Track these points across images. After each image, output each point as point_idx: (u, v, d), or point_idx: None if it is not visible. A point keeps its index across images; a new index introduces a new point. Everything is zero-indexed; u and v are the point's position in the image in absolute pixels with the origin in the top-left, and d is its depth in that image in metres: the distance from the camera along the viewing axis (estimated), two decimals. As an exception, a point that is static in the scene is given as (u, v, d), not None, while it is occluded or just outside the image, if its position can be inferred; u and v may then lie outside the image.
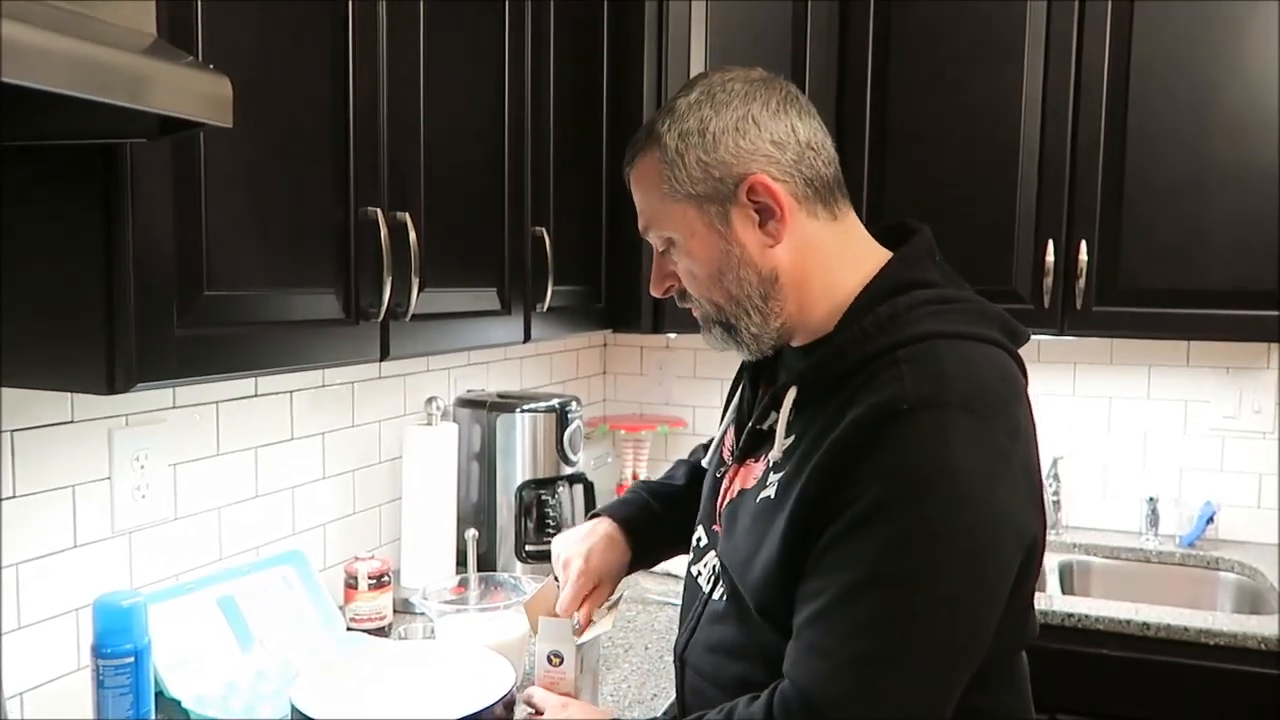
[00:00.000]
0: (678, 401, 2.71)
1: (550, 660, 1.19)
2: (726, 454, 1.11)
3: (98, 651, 1.05)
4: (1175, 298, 1.97)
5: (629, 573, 1.28)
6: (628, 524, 1.27)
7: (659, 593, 1.85)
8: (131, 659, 1.05)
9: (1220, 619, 1.79)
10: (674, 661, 1.13)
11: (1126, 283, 2.00)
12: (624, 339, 2.74)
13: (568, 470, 1.95)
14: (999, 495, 0.86)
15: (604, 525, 1.26)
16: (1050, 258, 2.01)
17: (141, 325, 0.91)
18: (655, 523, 1.29)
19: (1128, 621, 1.78)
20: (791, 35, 2.07)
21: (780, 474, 0.95)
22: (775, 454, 0.97)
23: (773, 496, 0.95)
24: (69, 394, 1.24)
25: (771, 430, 0.99)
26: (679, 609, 1.19)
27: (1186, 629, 1.75)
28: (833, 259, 0.99)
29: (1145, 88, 1.96)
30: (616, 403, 2.78)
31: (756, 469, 1.02)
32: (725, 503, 1.06)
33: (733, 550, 1.01)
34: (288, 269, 1.11)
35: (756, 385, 1.11)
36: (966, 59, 2.06)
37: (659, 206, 1.01)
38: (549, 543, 1.89)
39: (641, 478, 2.62)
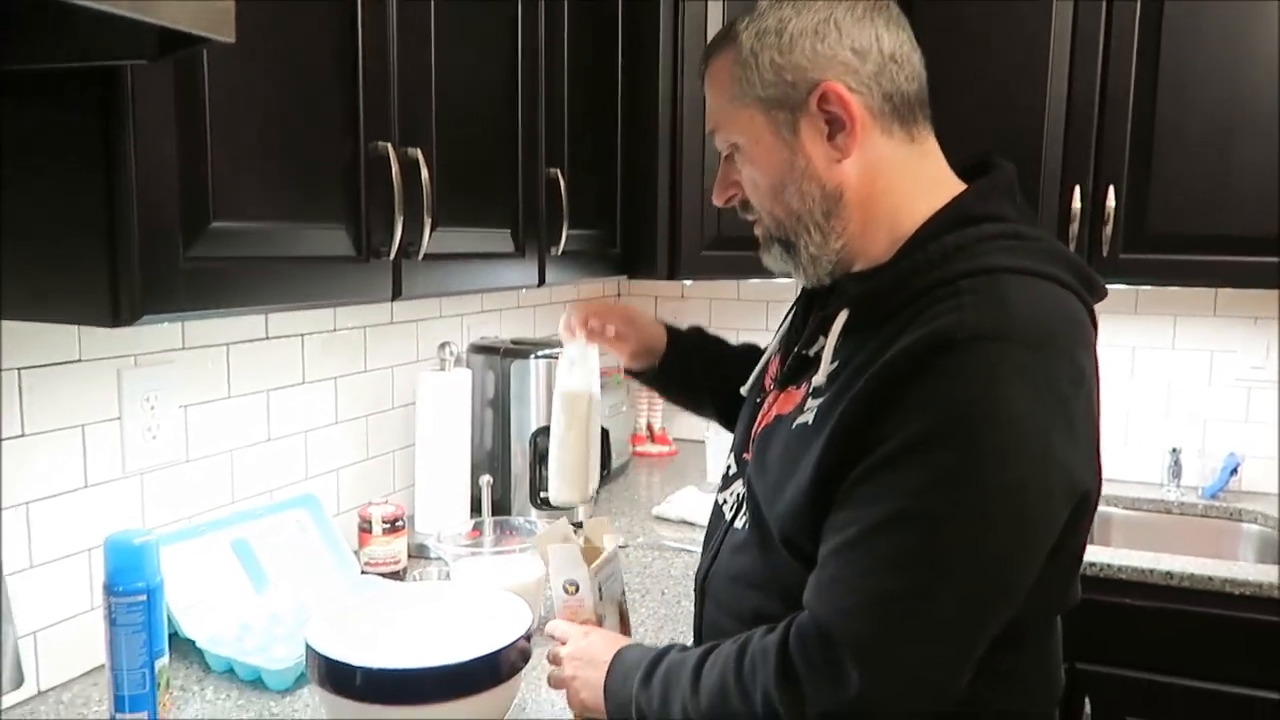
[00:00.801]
0: (693, 351, 2.67)
1: (566, 590, 1.17)
2: (769, 381, 1.08)
3: (110, 589, 1.03)
4: (1204, 244, 1.93)
5: (653, 379, 1.39)
6: (673, 330, 1.38)
7: (674, 539, 1.83)
8: (144, 597, 1.04)
9: (1245, 569, 1.76)
10: (694, 590, 1.12)
11: (1155, 229, 1.95)
12: (638, 288, 2.70)
13: (583, 417, 1.92)
14: (1051, 441, 0.80)
15: (653, 317, 1.38)
16: (1077, 203, 1.96)
17: (146, 255, 0.88)
18: (696, 345, 1.37)
19: (1150, 571, 1.76)
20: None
21: (821, 400, 0.91)
22: (819, 378, 0.93)
23: (810, 422, 0.91)
24: (76, 332, 1.22)
25: (817, 357, 0.95)
26: (698, 552, 1.16)
27: (1210, 578, 1.72)
28: (903, 183, 0.94)
29: (1177, 32, 1.90)
30: (631, 353, 2.75)
31: (796, 395, 0.97)
32: (760, 429, 1.03)
33: (762, 476, 0.98)
34: (297, 203, 1.08)
35: (808, 313, 1.07)
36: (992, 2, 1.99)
37: (727, 109, 0.97)
38: (563, 490, 1.89)
39: (657, 429, 2.61)
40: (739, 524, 1.03)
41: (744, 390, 1.15)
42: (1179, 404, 2.28)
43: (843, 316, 0.93)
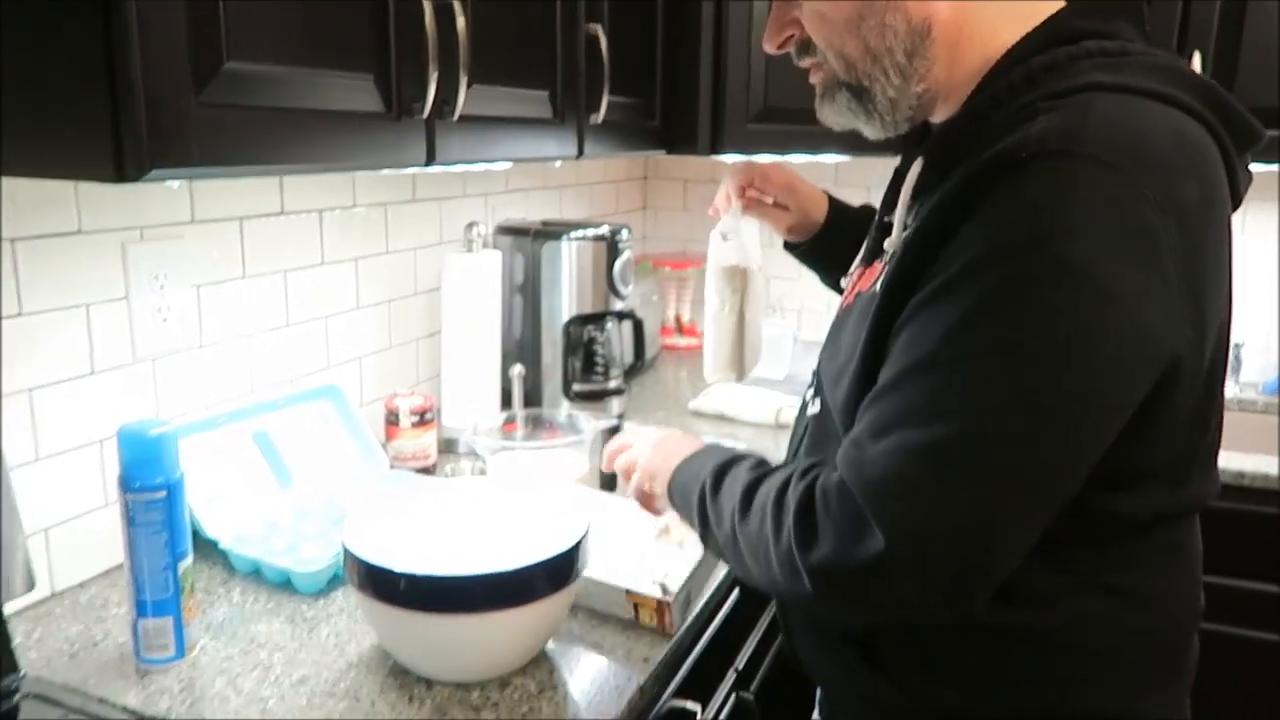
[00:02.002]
0: (723, 239, 2.53)
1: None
2: (856, 262, 0.96)
3: (126, 486, 0.93)
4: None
5: (798, 249, 1.27)
6: (836, 200, 1.26)
7: (714, 434, 1.74)
8: (164, 493, 0.93)
9: (1317, 468, 1.67)
10: None
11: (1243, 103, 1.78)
12: (666, 169, 2.55)
13: (618, 305, 1.80)
14: (1126, 282, 0.66)
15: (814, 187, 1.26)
16: (1156, 74, 1.80)
17: (153, 99, 0.75)
18: (860, 219, 1.19)
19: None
20: None
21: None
22: (892, 241, 0.81)
23: (879, 289, 0.78)
24: (75, 200, 1.08)
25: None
26: (739, 446, 1.06)
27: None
28: (999, 15, 0.79)
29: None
30: (658, 239, 2.61)
31: (877, 268, 0.85)
32: (842, 310, 0.91)
33: (831, 357, 0.87)
34: (322, 50, 0.93)
35: (898, 180, 0.92)
36: None
37: None
38: (598, 383, 1.79)
39: (685, 320, 2.49)
40: (812, 412, 0.93)
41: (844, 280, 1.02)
42: (1243, 295, 2.14)
43: (916, 167, 0.80)
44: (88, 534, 1.14)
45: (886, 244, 0.84)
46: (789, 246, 1.28)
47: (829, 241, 1.23)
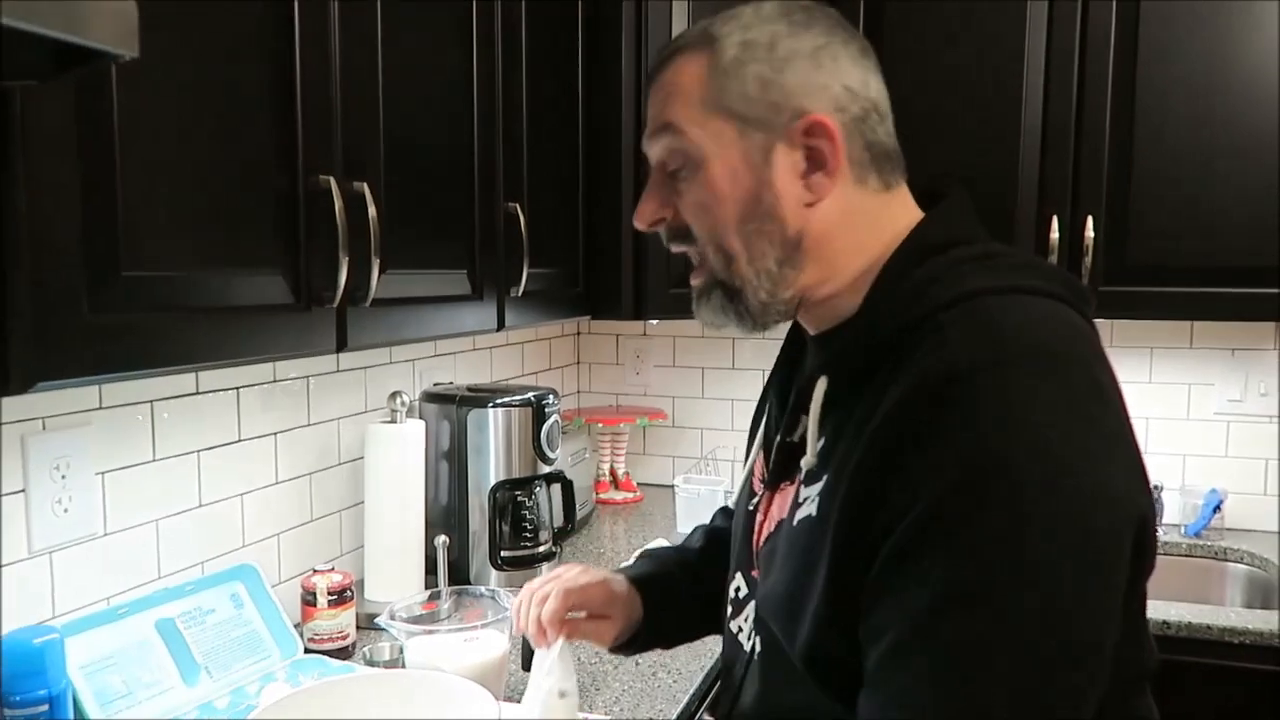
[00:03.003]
0: (656, 392, 2.56)
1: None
2: (757, 484, 0.94)
3: (5, 700, 0.88)
4: (1184, 276, 1.86)
5: (631, 648, 1.10)
6: (639, 579, 1.09)
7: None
8: (45, 705, 0.89)
9: (1243, 615, 1.69)
10: None
11: (1135, 261, 1.89)
12: (599, 327, 2.59)
13: (545, 468, 1.80)
14: (1092, 464, 0.68)
15: (619, 577, 1.09)
16: (1055, 234, 1.90)
17: (41, 311, 0.75)
18: (673, 585, 1.11)
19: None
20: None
21: (817, 485, 0.79)
22: (809, 459, 0.80)
23: (814, 513, 0.78)
24: (-28, 395, 1.07)
25: (803, 440, 0.83)
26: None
27: (1209, 627, 1.64)
28: (868, 232, 0.83)
29: (1153, 59, 1.84)
30: (592, 394, 2.63)
31: (790, 490, 0.85)
32: (763, 541, 0.89)
33: (772, 590, 0.84)
34: (225, 246, 0.95)
35: (784, 399, 0.93)
36: (964, 22, 1.93)
37: (691, 114, 0.83)
38: (526, 548, 1.76)
39: (621, 474, 2.49)
40: (757, 655, 0.89)
41: (733, 503, 1.01)
42: (1158, 440, 2.21)
43: (821, 384, 0.81)
44: (-33, 746, 1.07)
45: (804, 463, 0.82)
46: (615, 650, 1.11)
47: (659, 629, 1.11)
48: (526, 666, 1.24)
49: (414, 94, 1.25)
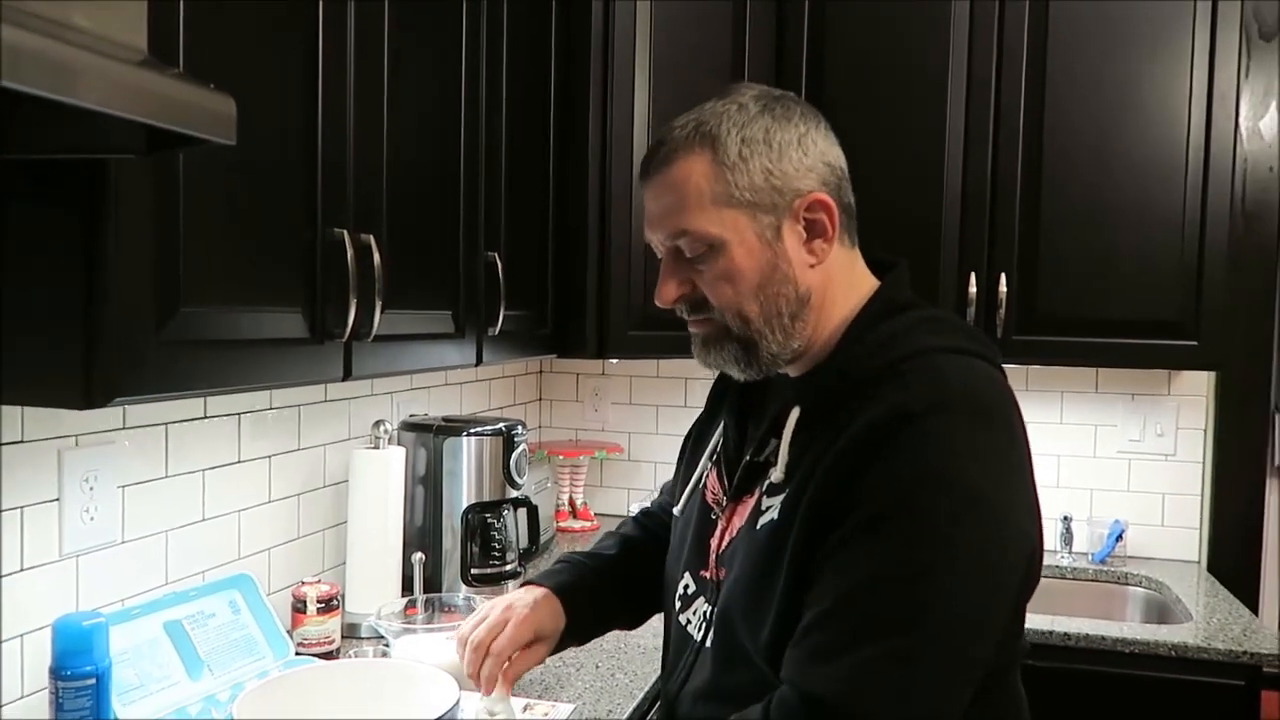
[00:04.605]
0: (614, 428, 2.74)
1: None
2: (710, 497, 1.11)
3: (57, 673, 1.02)
4: (1087, 327, 2.10)
5: (560, 646, 1.22)
6: (562, 590, 1.21)
7: (604, 614, 1.87)
8: (93, 680, 1.03)
9: (1134, 629, 1.90)
10: (662, 714, 1.12)
11: (1043, 313, 2.12)
12: (560, 365, 2.77)
13: (513, 493, 1.96)
14: (1005, 499, 0.88)
15: (539, 590, 1.21)
16: (973, 289, 2.12)
17: (122, 338, 0.91)
18: (592, 593, 1.24)
19: (1049, 633, 1.87)
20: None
21: (781, 495, 0.95)
22: (777, 474, 0.97)
23: (776, 518, 0.94)
24: (20, 413, 1.21)
25: (768, 462, 1.00)
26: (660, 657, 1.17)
27: (1104, 638, 1.85)
28: (844, 286, 1.02)
29: (1057, 129, 2.10)
30: (553, 429, 2.80)
31: (752, 502, 1.01)
32: (725, 545, 1.04)
33: (737, 588, 0.98)
34: (259, 288, 1.12)
35: (743, 423, 1.10)
36: (893, 99, 2.17)
37: (705, 209, 0.97)
38: (495, 567, 1.92)
39: (579, 504, 2.65)
40: (709, 642, 1.03)
41: (677, 510, 1.16)
42: (1068, 475, 2.44)
43: (795, 414, 0.98)
44: (2, 726, 1.20)
45: (773, 475, 0.97)
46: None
47: (578, 632, 1.23)
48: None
49: (411, 156, 1.44)
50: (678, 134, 1.00)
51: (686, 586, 1.11)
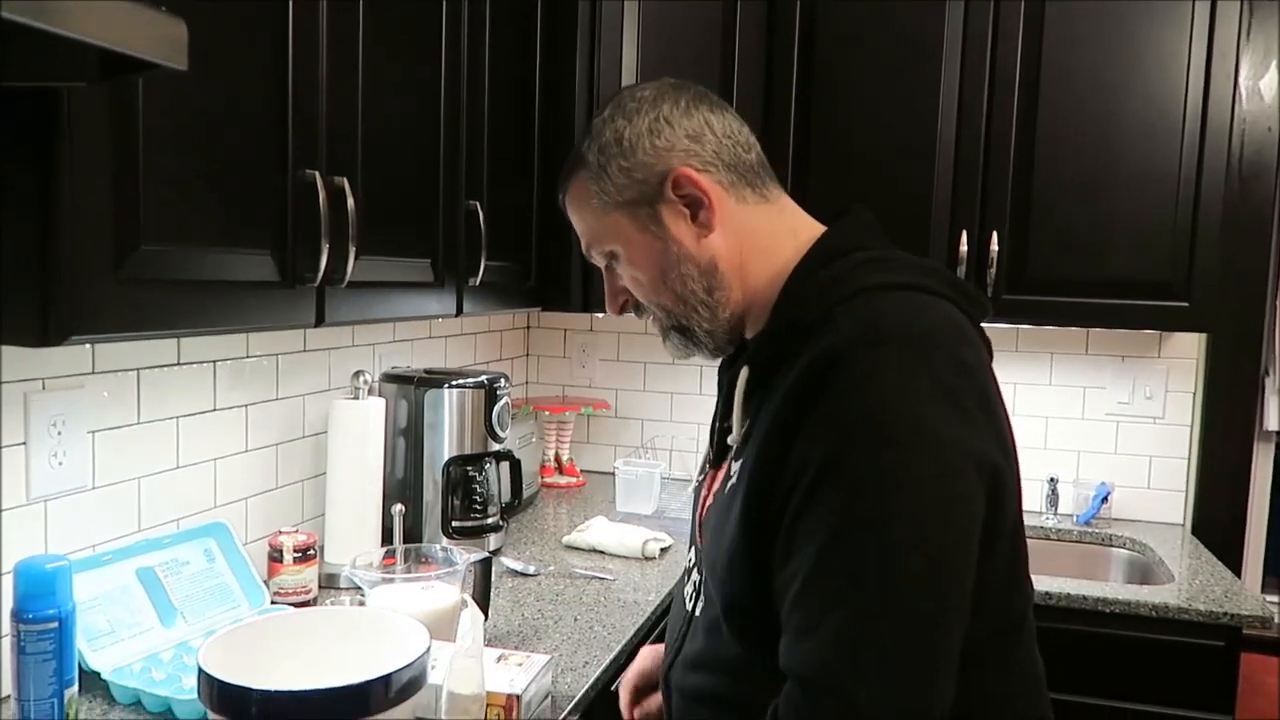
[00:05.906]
0: (601, 384, 2.73)
1: None
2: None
3: (18, 616, 1.01)
4: (1078, 287, 2.08)
5: None
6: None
7: (585, 567, 1.86)
8: (55, 624, 1.02)
9: (1115, 588, 1.90)
10: (661, 684, 1.11)
11: (1034, 273, 2.10)
12: (548, 320, 2.74)
13: (495, 447, 1.95)
14: (946, 426, 0.82)
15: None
16: (964, 248, 2.10)
17: (77, 274, 0.89)
18: None
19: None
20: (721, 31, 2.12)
21: (741, 460, 0.94)
22: (734, 438, 0.96)
23: (735, 480, 0.93)
24: (-16, 354, 1.19)
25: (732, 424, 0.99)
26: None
27: (1085, 597, 1.85)
28: (769, 239, 1.00)
29: (1053, 89, 2.06)
30: (540, 385, 2.78)
31: (725, 469, 1.01)
32: (704, 514, 1.05)
33: (708, 553, 0.98)
34: (226, 228, 1.09)
35: (730, 392, 1.07)
36: (888, 59, 2.13)
37: (594, 223, 1.03)
38: (476, 520, 1.91)
39: (565, 460, 2.64)
40: (699, 610, 1.04)
41: (691, 488, 1.18)
42: (1055, 437, 2.43)
43: (744, 374, 0.97)
44: (-31, 670, 1.19)
45: (730, 439, 0.98)
46: None
47: None
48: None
49: (390, 102, 1.40)
50: (566, 164, 1.06)
51: (689, 560, 1.13)
